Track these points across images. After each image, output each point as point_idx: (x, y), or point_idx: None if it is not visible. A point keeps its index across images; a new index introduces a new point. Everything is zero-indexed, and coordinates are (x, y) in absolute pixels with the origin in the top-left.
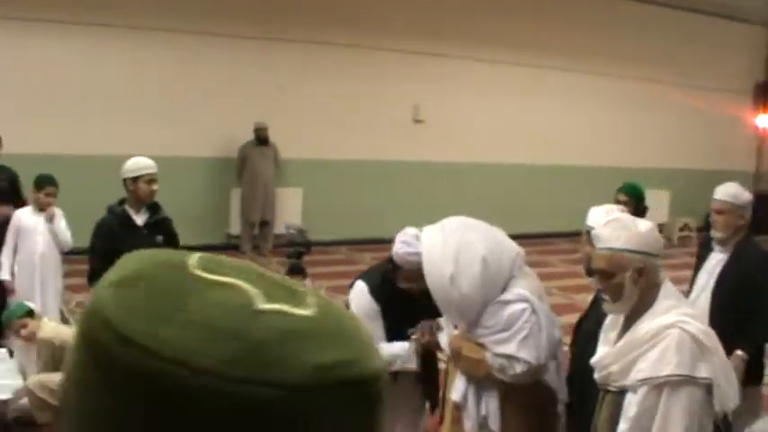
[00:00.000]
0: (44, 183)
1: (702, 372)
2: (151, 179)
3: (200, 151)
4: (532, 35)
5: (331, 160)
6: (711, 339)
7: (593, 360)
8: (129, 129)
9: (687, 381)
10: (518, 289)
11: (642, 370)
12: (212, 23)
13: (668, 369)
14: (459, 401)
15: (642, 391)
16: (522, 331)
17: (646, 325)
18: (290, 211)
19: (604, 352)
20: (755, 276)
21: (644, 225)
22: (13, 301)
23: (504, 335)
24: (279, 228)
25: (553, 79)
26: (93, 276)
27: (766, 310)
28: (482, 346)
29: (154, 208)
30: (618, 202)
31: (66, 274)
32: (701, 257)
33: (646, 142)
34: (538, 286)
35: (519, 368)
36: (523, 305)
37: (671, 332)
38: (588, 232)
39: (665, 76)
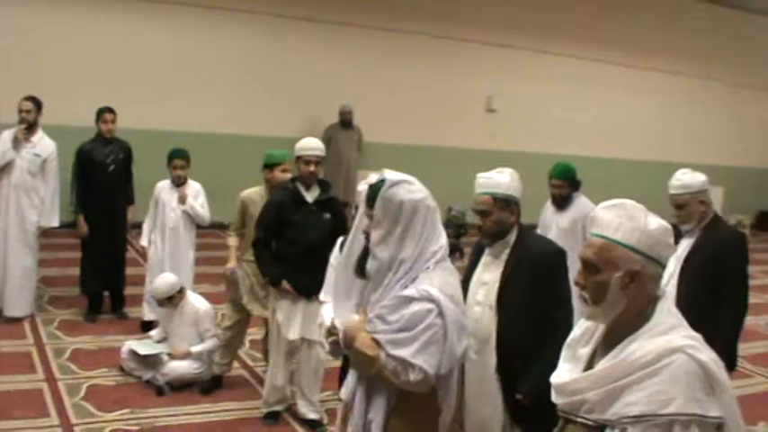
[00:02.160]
0: (173, 156)
1: (714, 410)
2: (309, 160)
3: (287, 131)
4: (603, 30)
5: (409, 145)
6: (723, 370)
7: (554, 380)
8: (225, 109)
9: (697, 421)
10: (426, 286)
11: (635, 404)
12: (302, 8)
13: (674, 406)
14: (347, 400)
15: (635, 431)
16: (422, 335)
17: (641, 346)
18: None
19: (573, 373)
20: (722, 256)
21: (655, 222)
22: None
23: (403, 335)
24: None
25: (618, 74)
26: (257, 244)
27: (734, 296)
28: (378, 343)
29: (325, 186)
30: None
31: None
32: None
33: (702, 139)
34: (453, 285)
35: (413, 376)
36: (429, 305)
37: (676, 359)
38: None
39: (725, 75)
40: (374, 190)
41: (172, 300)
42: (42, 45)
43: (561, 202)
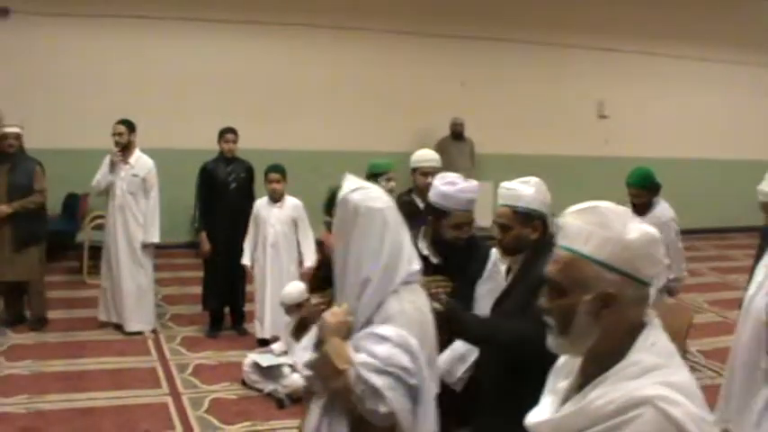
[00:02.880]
0: (269, 171)
1: None
2: (426, 172)
3: (399, 146)
4: (704, 28)
5: (521, 155)
6: (710, 427)
7: (529, 419)
8: (337, 127)
9: None
10: (401, 327)
11: None
12: (409, 23)
13: None
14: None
15: None
16: (397, 372)
17: (605, 392)
18: (482, 204)
19: (550, 409)
20: None
21: (637, 231)
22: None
23: (378, 363)
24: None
25: (739, 74)
26: None
27: None
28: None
29: None
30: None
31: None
32: (762, 249)
33: None
34: (422, 309)
35: (382, 408)
36: (404, 355)
37: (642, 413)
38: None
39: None
40: (332, 196)
41: (300, 307)
42: (151, 69)
43: (641, 210)
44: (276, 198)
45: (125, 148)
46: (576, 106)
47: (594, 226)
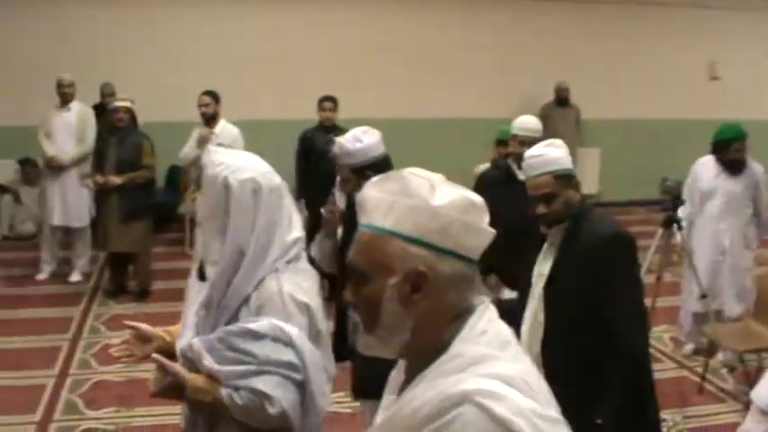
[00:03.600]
0: None
1: None
2: (523, 141)
3: (501, 112)
4: None
5: (628, 119)
6: (539, 423)
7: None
8: (436, 93)
9: None
10: (279, 320)
11: None
12: None
13: None
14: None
15: None
16: (280, 369)
17: (422, 391)
18: (588, 171)
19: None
20: None
21: (448, 195)
22: None
23: (254, 367)
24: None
25: None
26: None
27: None
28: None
29: None
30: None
31: None
32: None
33: None
34: (307, 290)
35: (272, 410)
36: (284, 349)
37: (462, 412)
38: None
39: None
40: (201, 170)
41: None
42: (253, 41)
43: (739, 166)
44: None
45: (211, 119)
46: (687, 68)
47: (397, 195)
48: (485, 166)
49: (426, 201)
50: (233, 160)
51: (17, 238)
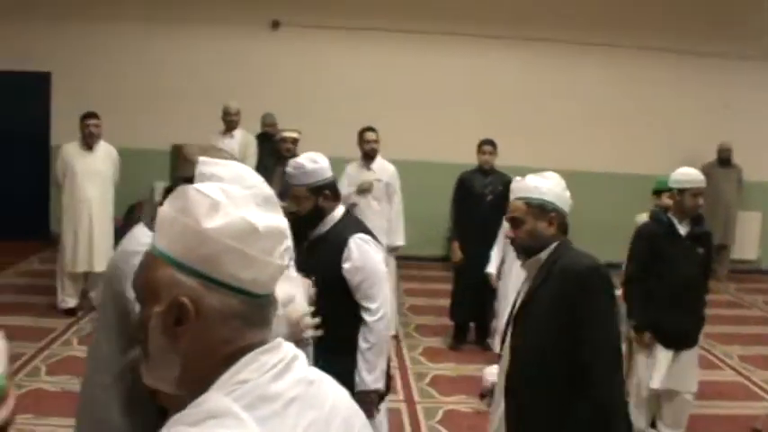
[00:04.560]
0: None
1: None
2: (697, 193)
3: (659, 168)
4: None
5: None
6: None
7: None
8: (594, 143)
9: None
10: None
11: None
12: (668, 39)
13: None
14: None
15: None
16: None
17: None
18: (747, 235)
19: None
20: None
21: (227, 217)
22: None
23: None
24: (737, 253)
25: None
26: (629, 281)
27: None
28: None
29: (697, 220)
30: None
31: None
32: None
33: None
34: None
35: None
36: None
37: None
38: None
39: None
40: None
41: None
42: (404, 81)
43: None
44: None
45: (372, 156)
46: None
47: (177, 212)
48: (645, 215)
49: (198, 222)
50: (223, 172)
51: None
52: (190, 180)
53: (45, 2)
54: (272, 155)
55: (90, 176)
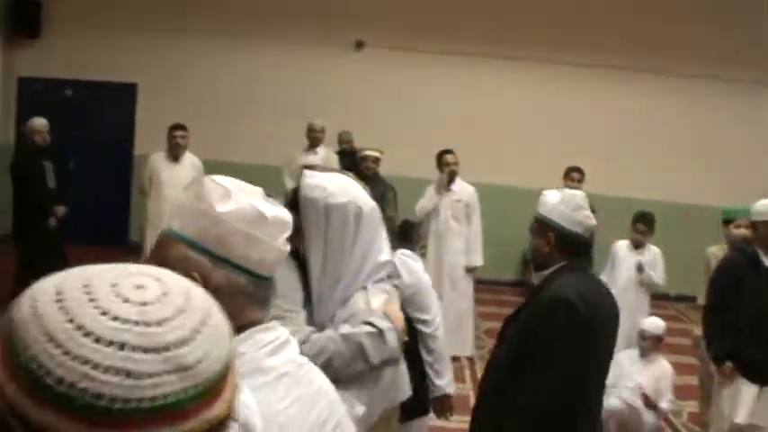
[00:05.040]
0: (636, 220)
1: None
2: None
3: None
4: None
5: None
6: None
7: None
8: (670, 173)
9: None
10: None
11: None
12: (741, 70)
13: None
14: None
15: None
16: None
17: None
18: None
19: None
20: None
21: (239, 203)
22: None
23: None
24: None
25: None
26: (708, 311)
27: None
28: None
29: None
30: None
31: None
32: None
33: None
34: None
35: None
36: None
37: None
38: None
39: None
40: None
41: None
42: (484, 106)
43: None
44: (636, 245)
45: (453, 178)
46: None
47: (191, 198)
48: (716, 248)
49: (212, 206)
50: (327, 182)
51: None
52: (296, 192)
53: (135, 16)
54: (351, 172)
55: (174, 186)
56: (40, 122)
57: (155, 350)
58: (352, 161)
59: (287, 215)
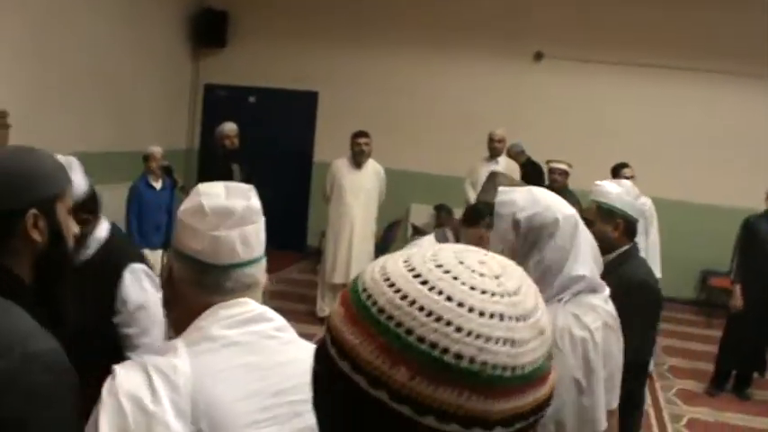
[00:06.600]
0: None
1: None
2: None
3: None
4: None
5: None
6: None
7: None
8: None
9: None
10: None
11: None
12: None
13: None
14: None
15: None
16: None
17: None
18: None
19: None
20: None
21: (191, 201)
22: None
23: None
24: None
25: None
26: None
27: None
28: None
29: None
30: None
31: None
32: None
33: None
34: (591, 325)
35: None
36: None
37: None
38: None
39: None
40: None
41: None
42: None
43: None
44: None
45: None
46: None
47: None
48: None
49: (180, 210)
50: (518, 197)
51: None
52: (487, 204)
53: (317, 27)
54: (530, 183)
55: (356, 193)
56: (230, 127)
57: (524, 318)
58: (536, 173)
59: (235, 206)
